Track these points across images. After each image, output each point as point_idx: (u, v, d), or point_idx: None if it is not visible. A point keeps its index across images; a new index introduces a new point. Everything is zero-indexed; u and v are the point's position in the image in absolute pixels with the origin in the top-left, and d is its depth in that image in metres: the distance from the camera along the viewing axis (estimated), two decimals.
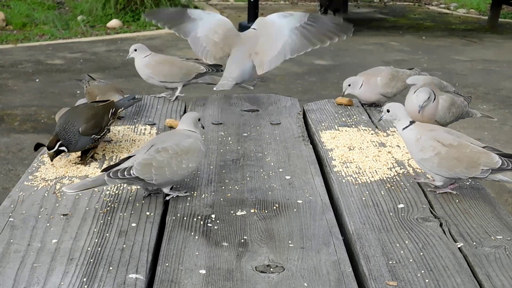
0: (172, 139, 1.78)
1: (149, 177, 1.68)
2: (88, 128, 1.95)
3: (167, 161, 1.71)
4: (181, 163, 1.73)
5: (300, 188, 1.82)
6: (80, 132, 1.93)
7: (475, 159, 1.74)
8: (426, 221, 1.64)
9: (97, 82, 2.46)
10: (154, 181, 1.70)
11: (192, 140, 1.78)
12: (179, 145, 1.75)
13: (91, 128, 1.96)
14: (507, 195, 3.81)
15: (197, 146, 1.78)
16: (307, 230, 1.59)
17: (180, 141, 1.76)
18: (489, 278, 1.39)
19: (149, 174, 1.68)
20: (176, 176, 1.73)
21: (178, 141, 1.76)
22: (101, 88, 2.36)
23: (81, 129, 1.93)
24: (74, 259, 1.44)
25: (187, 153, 1.75)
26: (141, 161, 1.69)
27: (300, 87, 5.61)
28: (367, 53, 7.15)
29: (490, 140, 4.65)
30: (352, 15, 9.30)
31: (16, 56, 6.75)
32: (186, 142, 1.77)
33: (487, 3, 9.61)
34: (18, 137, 4.51)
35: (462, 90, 5.78)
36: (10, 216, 1.64)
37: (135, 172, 1.67)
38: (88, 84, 2.42)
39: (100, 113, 2.02)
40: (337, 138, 2.22)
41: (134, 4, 8.48)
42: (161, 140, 1.78)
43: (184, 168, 1.74)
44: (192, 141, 1.78)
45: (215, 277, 1.38)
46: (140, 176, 1.67)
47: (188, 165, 1.75)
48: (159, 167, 1.70)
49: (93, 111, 2.01)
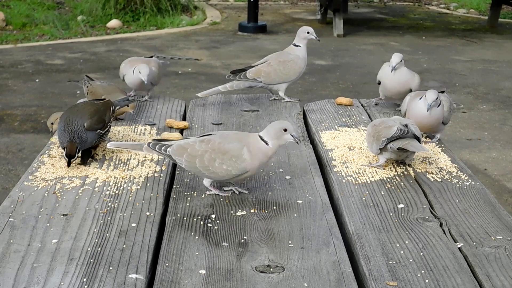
0: (225, 137, 1.77)
1: (180, 160, 1.73)
2: (93, 123, 1.95)
3: (201, 153, 1.72)
4: (214, 160, 1.72)
5: (300, 188, 1.82)
6: (86, 127, 1.93)
7: (381, 133, 1.93)
8: (426, 221, 1.64)
9: (99, 82, 2.46)
10: (184, 166, 1.73)
11: (238, 145, 1.74)
12: (221, 143, 1.74)
13: (96, 123, 1.96)
14: (507, 195, 3.81)
15: (239, 152, 1.72)
16: (307, 230, 1.59)
17: (226, 141, 1.75)
18: (489, 278, 1.39)
19: (180, 158, 1.73)
20: (208, 171, 1.73)
21: (225, 140, 1.75)
22: (106, 88, 2.36)
23: (86, 124, 1.93)
24: (74, 259, 1.44)
25: (224, 154, 1.72)
26: (180, 143, 1.74)
27: (300, 87, 5.61)
28: (367, 53, 7.15)
29: (490, 140, 4.66)
30: (352, 15, 9.30)
31: (16, 56, 6.75)
32: (231, 144, 1.74)
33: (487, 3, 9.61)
34: (18, 137, 4.51)
35: (462, 90, 5.79)
36: (10, 216, 1.64)
37: (171, 150, 1.73)
38: (90, 84, 2.42)
39: (101, 109, 2.03)
40: (337, 138, 2.22)
41: (134, 4, 8.47)
42: (219, 135, 1.78)
43: (217, 167, 1.72)
44: (238, 146, 1.74)
45: (215, 277, 1.38)
46: (172, 156, 1.73)
47: (222, 166, 1.72)
48: (192, 155, 1.72)
49: (94, 107, 2.02)
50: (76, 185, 1.82)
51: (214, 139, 1.75)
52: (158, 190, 1.80)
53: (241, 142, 1.75)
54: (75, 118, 1.94)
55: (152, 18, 8.45)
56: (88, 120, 1.94)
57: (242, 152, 1.73)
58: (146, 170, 1.93)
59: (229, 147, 1.73)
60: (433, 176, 1.92)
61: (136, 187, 1.82)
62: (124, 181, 1.85)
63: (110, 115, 2.05)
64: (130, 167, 1.95)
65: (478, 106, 5.39)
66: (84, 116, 1.95)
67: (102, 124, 1.98)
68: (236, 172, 1.73)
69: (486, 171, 4.14)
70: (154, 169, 1.93)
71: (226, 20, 8.96)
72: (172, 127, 2.31)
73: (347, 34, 7.96)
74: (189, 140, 1.77)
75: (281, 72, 2.59)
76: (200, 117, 2.45)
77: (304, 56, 2.64)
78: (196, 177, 1.89)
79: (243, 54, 6.97)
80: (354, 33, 8.15)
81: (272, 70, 2.58)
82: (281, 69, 2.59)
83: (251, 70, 2.58)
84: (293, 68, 2.61)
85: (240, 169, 1.73)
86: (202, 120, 2.42)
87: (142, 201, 1.73)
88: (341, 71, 6.40)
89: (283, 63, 2.60)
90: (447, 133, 4.63)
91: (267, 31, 8.13)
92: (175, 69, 6.16)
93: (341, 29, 7.92)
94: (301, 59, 2.63)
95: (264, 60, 2.64)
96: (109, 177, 1.88)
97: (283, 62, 2.60)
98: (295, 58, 2.62)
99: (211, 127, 2.34)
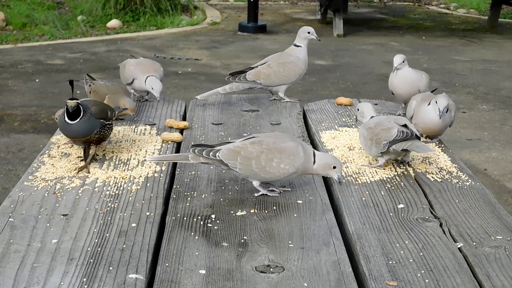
0: (275, 137, 1.77)
1: (233, 164, 1.71)
2: (98, 111, 1.96)
3: (257, 154, 1.71)
4: (272, 160, 1.71)
5: (300, 188, 1.82)
6: (92, 113, 1.93)
7: (380, 136, 1.91)
8: (426, 221, 1.64)
9: (102, 82, 2.46)
10: (238, 170, 1.72)
11: (294, 144, 1.74)
12: (276, 143, 1.73)
13: (100, 112, 1.97)
14: (507, 195, 3.81)
15: (296, 150, 1.73)
16: (307, 230, 1.59)
17: (280, 141, 1.75)
18: (489, 278, 1.39)
19: (234, 161, 1.71)
20: (264, 172, 1.72)
21: (278, 140, 1.75)
22: (110, 88, 2.35)
23: (92, 110, 1.94)
24: (74, 259, 1.44)
25: (281, 153, 1.72)
26: (230, 147, 1.72)
27: (300, 87, 5.61)
28: (367, 53, 7.15)
29: (490, 140, 4.66)
30: (352, 15, 9.30)
31: (16, 56, 6.75)
32: (287, 143, 1.74)
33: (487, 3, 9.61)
34: (18, 137, 4.51)
35: (462, 90, 5.79)
36: (10, 216, 1.64)
37: (221, 155, 1.71)
38: (92, 83, 2.41)
39: (106, 106, 2.05)
40: (337, 138, 2.22)
41: (134, 4, 8.47)
42: (266, 136, 1.78)
43: (274, 167, 1.72)
44: (294, 144, 1.74)
45: (215, 277, 1.38)
46: (224, 161, 1.71)
47: (280, 165, 1.72)
48: (247, 158, 1.71)
49: (98, 101, 2.06)
50: (76, 185, 1.82)
51: (266, 140, 1.74)
52: (158, 190, 1.80)
53: (295, 141, 1.76)
54: (87, 103, 1.96)
55: (152, 18, 8.45)
56: (93, 107, 1.96)
57: (299, 150, 1.73)
58: (146, 170, 1.93)
59: (286, 146, 1.73)
60: (433, 176, 1.92)
61: (136, 187, 1.82)
62: (124, 181, 1.85)
63: (112, 115, 2.05)
64: (130, 167, 1.95)
65: (478, 106, 5.39)
66: (90, 104, 1.97)
67: (105, 116, 1.99)
68: (292, 170, 1.73)
69: (486, 171, 4.14)
70: (154, 169, 1.93)
71: (226, 20, 8.97)
72: (172, 127, 2.31)
73: (347, 34, 7.96)
74: (236, 144, 1.75)
75: (281, 74, 2.59)
76: (200, 117, 2.45)
77: (305, 57, 2.64)
78: (196, 177, 1.89)
79: (243, 54, 6.97)
80: (354, 33, 8.15)
81: (272, 72, 2.58)
82: (281, 71, 2.58)
83: (251, 72, 2.58)
84: (293, 70, 2.61)
85: (296, 167, 1.73)
86: (202, 120, 2.42)
87: (142, 201, 1.73)
88: (341, 71, 6.40)
89: (283, 65, 2.59)
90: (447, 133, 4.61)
91: (267, 31, 8.13)
92: (175, 69, 6.16)
93: (341, 29, 7.92)
94: (302, 60, 2.63)
95: (264, 61, 2.64)
96: (109, 177, 1.88)
97: (283, 64, 2.60)
98: (296, 60, 2.61)
99: (211, 127, 2.34)
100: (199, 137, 2.24)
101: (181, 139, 2.19)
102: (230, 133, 2.28)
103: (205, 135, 2.26)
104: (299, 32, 2.65)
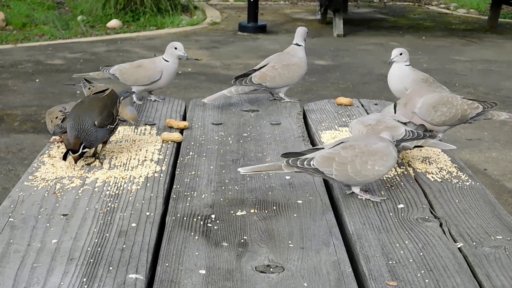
0: (365, 139, 1.77)
1: (329, 171, 1.71)
2: (103, 120, 1.94)
3: (351, 158, 1.71)
4: (366, 163, 1.71)
5: (300, 188, 1.82)
6: (97, 125, 1.92)
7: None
8: (426, 221, 1.64)
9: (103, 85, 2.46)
10: (334, 176, 1.71)
11: (385, 144, 1.75)
12: (367, 145, 1.73)
13: (106, 119, 1.95)
14: (507, 195, 3.81)
15: (388, 150, 1.74)
16: (307, 230, 1.59)
17: (371, 142, 1.75)
18: (489, 278, 1.39)
19: (329, 168, 1.70)
20: (360, 176, 1.72)
21: (368, 142, 1.75)
22: None
23: (97, 122, 1.93)
24: (74, 259, 1.44)
25: (375, 154, 1.72)
26: (324, 154, 1.72)
27: (300, 87, 5.61)
28: (367, 53, 7.15)
29: (490, 140, 4.66)
30: (352, 15, 9.30)
31: (16, 56, 6.75)
32: (378, 144, 1.74)
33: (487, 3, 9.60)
34: (18, 137, 4.51)
35: (462, 90, 5.79)
36: (10, 216, 1.64)
37: (315, 163, 1.70)
38: (92, 86, 2.42)
39: (108, 103, 2.01)
40: (337, 138, 2.22)
41: (134, 4, 8.48)
42: (354, 139, 1.78)
43: (369, 169, 1.72)
44: (385, 144, 1.75)
45: (215, 277, 1.38)
46: (319, 168, 1.70)
47: (374, 167, 1.72)
48: (342, 163, 1.71)
49: (102, 102, 2.00)
50: (76, 185, 1.82)
51: (357, 143, 1.74)
52: (158, 190, 1.80)
53: (384, 141, 1.77)
54: (85, 117, 1.92)
55: (152, 18, 8.45)
56: (98, 118, 1.93)
57: (391, 150, 1.74)
58: (146, 170, 1.93)
59: (378, 147, 1.74)
60: (433, 176, 1.92)
61: (136, 187, 1.82)
62: (124, 181, 1.85)
63: (117, 108, 2.04)
64: (130, 167, 1.95)
65: None
66: (93, 113, 1.94)
67: (112, 119, 1.98)
68: (386, 171, 1.74)
69: (486, 171, 4.14)
70: (154, 169, 1.93)
71: (226, 20, 8.97)
72: (172, 127, 2.32)
73: (347, 34, 7.96)
74: (327, 151, 1.74)
75: (285, 76, 2.60)
76: (200, 117, 2.45)
77: (305, 57, 2.66)
78: (196, 177, 1.89)
79: (243, 54, 6.97)
80: (354, 33, 8.15)
81: (277, 74, 2.58)
82: (285, 73, 2.59)
83: (256, 74, 2.58)
84: (297, 72, 2.62)
85: (389, 167, 1.74)
86: (202, 120, 2.42)
87: (142, 201, 1.73)
88: (341, 71, 6.40)
89: (287, 67, 2.60)
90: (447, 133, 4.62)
91: (267, 31, 8.13)
92: None
93: (341, 29, 7.92)
94: (304, 61, 2.64)
95: (266, 62, 2.64)
96: (109, 177, 1.88)
97: (287, 65, 2.60)
98: (299, 62, 2.63)
99: (211, 127, 2.34)
100: (199, 137, 2.24)
101: (181, 139, 2.19)
102: (230, 133, 2.28)
103: (205, 135, 2.26)
104: (299, 31, 2.65)
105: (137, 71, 2.59)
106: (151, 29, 8.18)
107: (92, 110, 1.95)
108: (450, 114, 2.13)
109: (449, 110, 2.13)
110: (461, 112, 2.14)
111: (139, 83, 2.59)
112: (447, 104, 2.13)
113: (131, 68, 2.61)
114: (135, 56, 6.62)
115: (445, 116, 2.13)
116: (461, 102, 2.15)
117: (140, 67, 2.61)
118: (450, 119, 2.13)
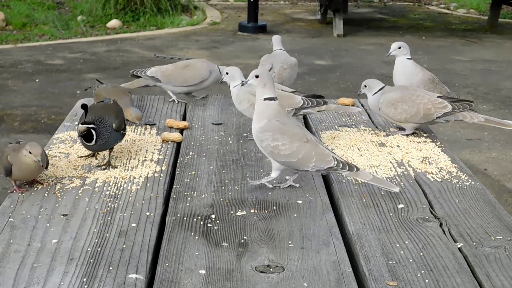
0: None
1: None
2: (120, 124, 1.96)
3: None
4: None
5: (300, 188, 1.82)
6: (114, 128, 1.93)
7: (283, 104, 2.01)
8: (426, 221, 1.64)
9: (105, 85, 2.47)
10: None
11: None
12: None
13: (121, 123, 1.97)
14: (507, 195, 3.81)
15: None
16: (307, 230, 1.59)
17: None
18: (489, 278, 1.39)
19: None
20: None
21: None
22: (110, 91, 2.35)
23: (115, 125, 1.93)
24: (74, 259, 1.44)
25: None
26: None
27: (300, 87, 5.61)
28: (367, 53, 7.15)
29: (490, 140, 4.65)
30: (352, 15, 9.30)
31: (16, 56, 6.75)
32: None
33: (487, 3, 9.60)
34: (18, 137, 4.50)
35: (462, 90, 5.79)
36: (10, 216, 1.64)
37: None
38: (97, 87, 2.44)
39: (120, 109, 2.04)
40: (337, 138, 2.22)
41: (134, 4, 8.47)
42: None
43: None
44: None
45: (215, 277, 1.38)
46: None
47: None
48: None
49: (118, 107, 2.04)
50: (76, 185, 1.82)
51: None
52: (158, 190, 1.80)
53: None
54: (107, 118, 1.93)
55: (152, 18, 8.45)
56: (116, 121, 1.95)
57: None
58: (146, 170, 1.93)
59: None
60: (433, 176, 1.92)
61: (136, 187, 1.82)
62: (124, 181, 1.85)
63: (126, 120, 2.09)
64: (130, 167, 1.95)
65: (478, 106, 5.38)
66: (112, 117, 1.95)
67: (124, 125, 2.00)
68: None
69: (486, 171, 4.14)
70: (154, 169, 1.93)
71: (226, 20, 8.96)
72: (172, 127, 2.32)
73: (347, 34, 7.96)
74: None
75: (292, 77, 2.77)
76: (200, 117, 2.45)
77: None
78: (196, 177, 1.89)
79: (243, 54, 6.97)
80: (354, 33, 8.15)
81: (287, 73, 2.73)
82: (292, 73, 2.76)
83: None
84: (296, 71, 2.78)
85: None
86: (202, 120, 2.42)
87: (142, 201, 1.73)
88: (341, 71, 6.40)
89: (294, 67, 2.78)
90: (447, 133, 4.63)
91: (267, 31, 8.13)
92: None
93: (341, 29, 7.92)
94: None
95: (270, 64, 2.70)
96: (109, 177, 1.88)
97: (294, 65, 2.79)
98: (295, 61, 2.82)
99: (211, 127, 2.34)
100: (199, 137, 2.24)
101: (181, 139, 2.19)
102: (230, 133, 2.28)
103: (205, 135, 2.26)
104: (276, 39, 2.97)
105: (185, 71, 2.60)
106: (151, 29, 8.17)
107: (112, 113, 1.97)
108: (411, 112, 2.19)
109: (409, 108, 2.18)
110: (424, 111, 2.19)
111: (187, 83, 2.60)
112: (408, 102, 2.19)
113: (177, 69, 2.62)
114: (135, 56, 6.61)
115: (406, 114, 2.19)
116: (426, 101, 2.20)
117: (188, 67, 2.63)
118: (412, 117, 2.19)
